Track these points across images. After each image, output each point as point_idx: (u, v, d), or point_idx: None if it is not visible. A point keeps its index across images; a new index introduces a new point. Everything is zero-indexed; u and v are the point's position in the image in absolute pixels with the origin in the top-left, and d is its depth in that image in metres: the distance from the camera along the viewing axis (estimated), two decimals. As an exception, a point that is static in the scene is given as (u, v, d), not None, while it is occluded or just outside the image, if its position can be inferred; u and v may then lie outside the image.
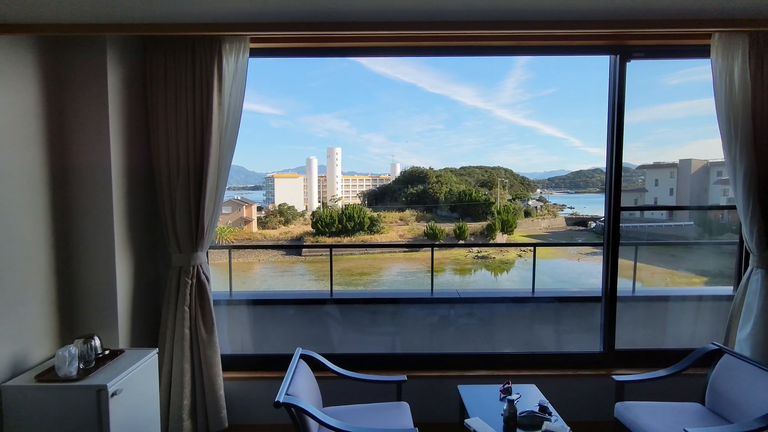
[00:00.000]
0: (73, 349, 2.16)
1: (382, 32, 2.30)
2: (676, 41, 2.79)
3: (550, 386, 2.91)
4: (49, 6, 1.85)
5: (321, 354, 2.72)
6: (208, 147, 2.62)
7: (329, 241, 26.34)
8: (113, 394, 2.09)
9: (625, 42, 2.87)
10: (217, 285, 2.90)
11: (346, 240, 26.39)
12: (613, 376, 2.70)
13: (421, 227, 27.47)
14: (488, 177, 32.93)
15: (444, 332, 3.72)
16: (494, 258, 25.18)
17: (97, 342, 2.31)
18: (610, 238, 3.08)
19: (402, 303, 3.92)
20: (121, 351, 2.44)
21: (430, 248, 5.51)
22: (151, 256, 2.90)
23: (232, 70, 2.64)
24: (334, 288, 4.08)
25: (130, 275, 2.68)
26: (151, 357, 2.46)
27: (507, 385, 2.62)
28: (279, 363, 3.11)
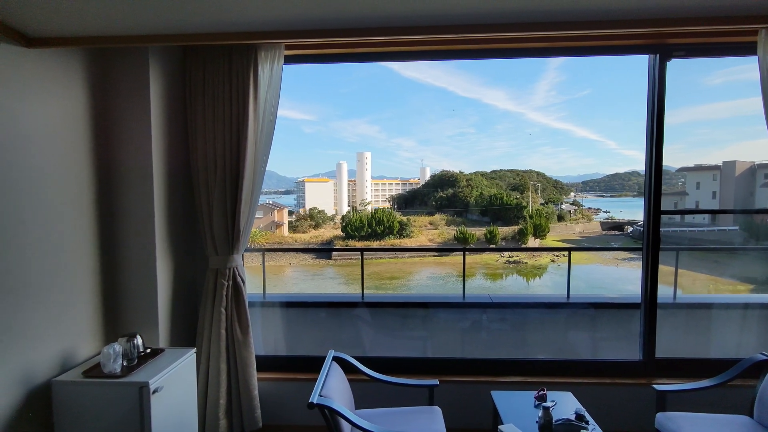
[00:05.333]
0: (117, 347, 2.24)
1: (413, 37, 2.30)
2: (719, 39, 2.69)
3: (587, 394, 2.84)
4: (97, 20, 1.94)
5: (352, 357, 2.74)
6: (244, 152, 2.69)
7: (359, 245, 26.46)
8: (154, 391, 2.16)
9: (665, 41, 2.78)
10: (250, 287, 2.96)
11: (375, 244, 26.45)
12: (654, 386, 2.60)
13: (451, 231, 27.24)
14: (520, 180, 32.40)
15: (476, 337, 3.68)
16: (526, 263, 24.72)
17: (139, 341, 2.39)
18: (650, 242, 2.98)
19: (433, 307, 3.90)
20: (162, 350, 2.52)
21: (462, 252, 5.47)
22: (189, 258, 2.99)
23: (267, 77, 2.71)
24: (365, 291, 4.10)
25: (169, 277, 2.77)
26: (190, 356, 2.54)
27: (542, 392, 2.57)
28: (311, 365, 3.15)
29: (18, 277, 2.02)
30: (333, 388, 2.28)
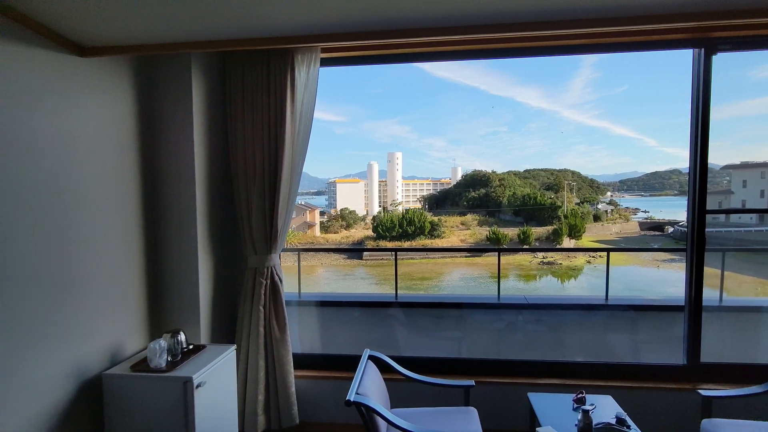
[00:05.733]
0: (163, 342, 2.34)
1: (448, 37, 2.30)
2: (767, 31, 2.57)
3: (628, 398, 2.77)
4: (144, 29, 2.03)
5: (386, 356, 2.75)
6: (281, 154, 2.75)
7: (389, 245, 26.52)
8: (198, 386, 2.24)
9: (710, 34, 2.68)
10: (284, 286, 3.02)
11: (406, 244, 26.44)
12: (699, 391, 2.51)
13: (483, 232, 26.94)
14: (554, 180, 31.70)
15: (511, 338, 3.63)
16: (561, 264, 24.19)
17: (182, 337, 2.48)
18: (694, 243, 2.88)
19: (467, 308, 3.88)
20: (203, 346, 2.61)
21: (497, 253, 5.41)
22: (228, 257, 3.07)
23: (304, 79, 2.76)
24: (389, 293, 4.11)
25: (210, 275, 2.86)
26: (230, 353, 2.61)
27: (580, 395, 2.52)
28: (346, 363, 3.19)
29: (72, 275, 2.13)
30: (369, 387, 2.31)
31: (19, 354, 1.87)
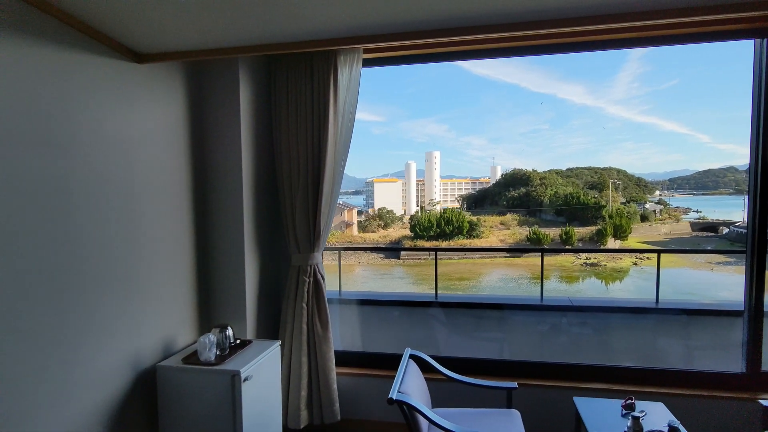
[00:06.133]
0: (212, 337, 2.42)
1: (488, 35, 2.27)
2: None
3: (681, 406, 2.65)
4: (195, 36, 2.11)
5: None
6: (324, 154, 2.80)
7: (427, 245, 26.41)
8: (245, 380, 2.31)
9: (774, 22, 2.52)
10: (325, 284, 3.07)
11: (444, 244, 26.25)
12: (761, 401, 2.37)
13: (524, 232, 26.36)
14: (598, 178, 30.63)
15: (555, 341, 3.55)
16: (605, 265, 23.35)
17: (230, 332, 2.57)
18: (754, 244, 2.72)
19: (508, 309, 3.82)
20: (249, 341, 2.69)
21: (540, 253, 5.30)
22: (272, 255, 3.15)
23: (346, 80, 2.80)
24: (429, 293, 4.09)
25: (255, 273, 2.94)
26: (275, 348, 2.68)
27: (629, 401, 2.43)
28: (387, 362, 3.21)
29: (129, 271, 2.25)
30: (411, 386, 2.31)
31: (86, 345, 1.99)
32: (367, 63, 2.98)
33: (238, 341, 2.64)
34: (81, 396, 1.99)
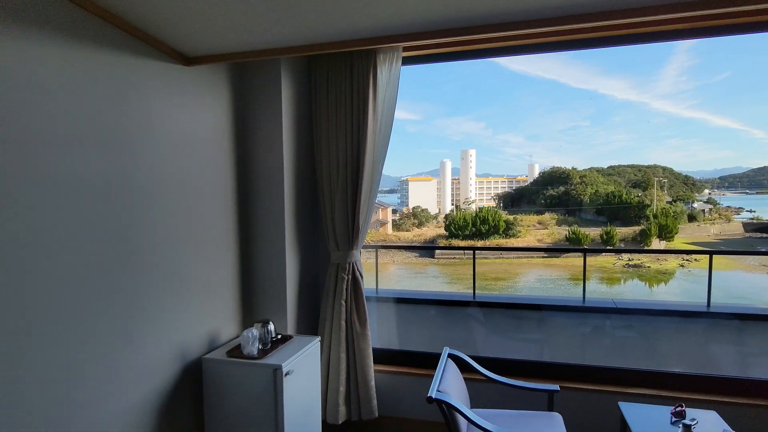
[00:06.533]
0: (255, 331, 2.48)
1: (531, 30, 2.22)
2: None
3: (735, 416, 2.52)
4: (240, 39, 2.17)
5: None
6: (363, 153, 2.81)
7: (462, 244, 26.15)
8: (286, 374, 2.36)
9: (844, 8, 2.35)
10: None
11: (479, 243, 25.90)
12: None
13: (562, 232, 25.66)
14: (642, 176, 29.44)
15: (598, 344, 3.45)
16: (649, 267, 22.45)
17: (272, 327, 2.62)
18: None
19: (548, 310, 3.74)
20: (290, 336, 2.74)
21: (578, 253, 5.16)
22: (312, 253, 3.20)
23: (386, 78, 2.81)
24: (466, 292, 4.05)
25: (295, 270, 2.99)
26: (315, 344, 2.72)
27: (680, 408, 2.33)
28: (424, 360, 3.20)
29: (179, 267, 2.33)
30: (450, 385, 2.30)
31: (140, 336, 2.09)
32: (405, 61, 2.98)
33: (279, 336, 2.69)
34: (136, 383, 2.08)
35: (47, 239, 1.68)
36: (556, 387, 2.55)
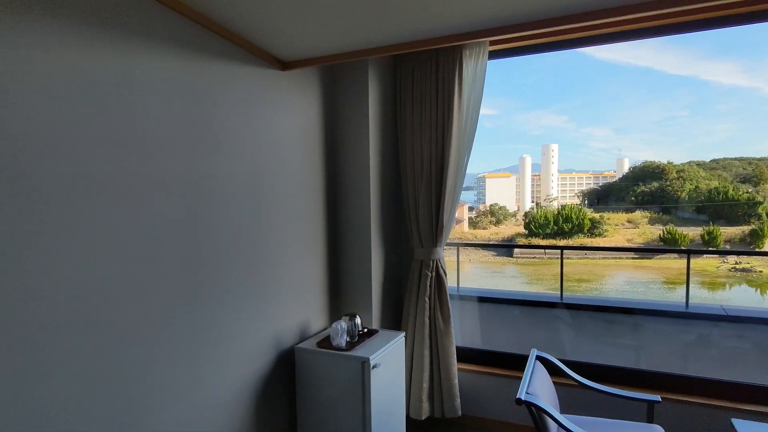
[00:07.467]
0: (343, 324, 2.58)
1: (623, 17, 2.07)
2: None
3: None
4: (332, 41, 2.25)
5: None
6: (448, 150, 2.81)
7: (542, 242, 25.06)
8: (373, 367, 2.42)
9: None
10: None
11: (561, 242, 24.66)
12: None
13: (655, 231, 23.66)
14: (753, 170, 26.28)
15: (704, 354, 3.16)
16: (760, 271, 20.07)
17: (358, 320, 2.70)
18: None
19: (644, 314, 3.48)
20: (376, 331, 2.81)
21: (677, 254, 4.75)
22: (395, 249, 3.25)
23: (471, 74, 2.78)
24: (549, 293, 3.88)
25: (380, 265, 3.06)
26: (400, 339, 2.77)
27: (808, 431, 2.07)
28: (509, 361, 3.14)
29: (274, 262, 2.48)
30: (539, 387, 2.23)
31: (240, 324, 2.26)
32: (492, 55, 2.93)
33: (365, 330, 2.77)
34: (235, 368, 2.25)
35: (163, 233, 1.87)
36: (657, 397, 2.37)
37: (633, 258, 22.79)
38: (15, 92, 1.38)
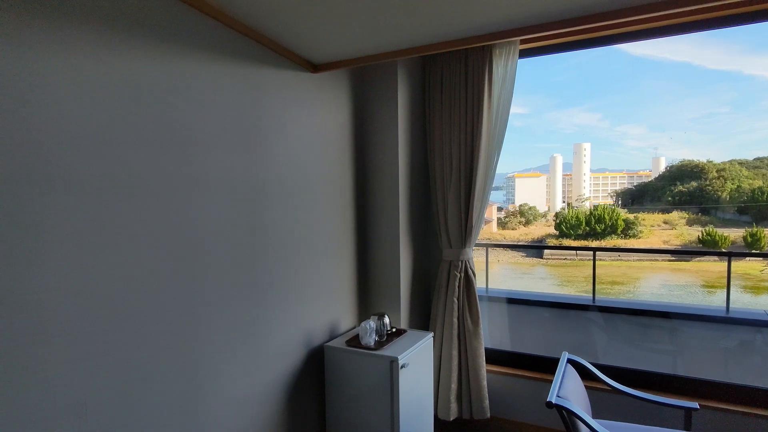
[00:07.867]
0: (372, 323, 2.60)
1: (659, 13, 2.02)
2: None
3: None
4: (361, 44, 2.28)
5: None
6: (477, 151, 2.79)
7: (574, 244, 24.47)
8: (402, 366, 2.44)
9: None
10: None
11: (594, 244, 24.02)
12: None
13: (694, 232, 22.76)
14: (800, 169, 25.02)
15: (747, 361, 3.04)
16: (810, 276, 19.04)
17: (387, 320, 2.72)
18: None
19: (681, 319, 3.37)
20: (404, 330, 2.82)
21: (719, 257, 4.56)
22: (424, 249, 3.25)
23: (501, 74, 2.75)
24: (581, 295, 3.79)
25: (409, 265, 3.07)
26: (428, 339, 2.77)
27: None
28: (538, 364, 3.10)
29: (304, 261, 2.53)
30: (570, 391, 2.19)
31: (271, 323, 2.32)
32: (522, 54, 2.90)
33: (393, 329, 2.79)
34: (267, 365, 2.31)
35: (208, 234, 1.95)
36: (695, 404, 2.30)
37: (669, 260, 22.00)
38: (68, 99, 1.47)
